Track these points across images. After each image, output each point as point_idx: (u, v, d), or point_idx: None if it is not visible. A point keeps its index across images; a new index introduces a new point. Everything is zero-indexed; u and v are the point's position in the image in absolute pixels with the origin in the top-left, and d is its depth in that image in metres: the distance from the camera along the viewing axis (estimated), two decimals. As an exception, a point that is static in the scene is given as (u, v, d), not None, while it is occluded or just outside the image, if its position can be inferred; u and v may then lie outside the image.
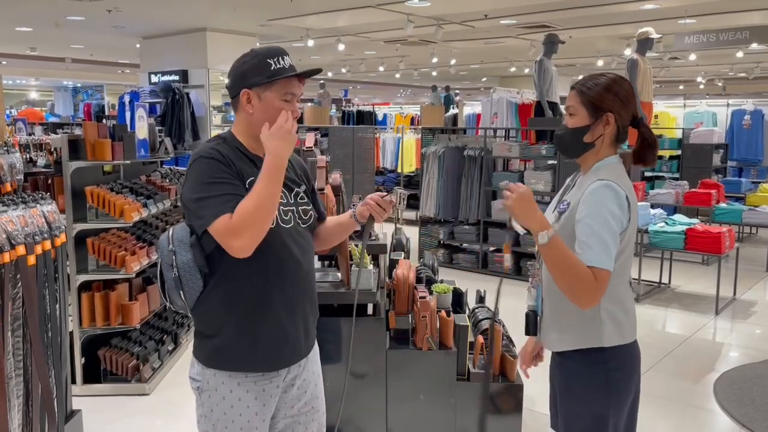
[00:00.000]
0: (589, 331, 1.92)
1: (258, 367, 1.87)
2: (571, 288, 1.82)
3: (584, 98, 1.96)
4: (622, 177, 1.94)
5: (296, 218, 1.92)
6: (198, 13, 9.16)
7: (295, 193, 1.96)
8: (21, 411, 2.74)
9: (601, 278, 1.80)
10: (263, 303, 1.85)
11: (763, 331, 5.60)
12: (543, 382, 2.35)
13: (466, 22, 10.24)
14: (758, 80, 19.70)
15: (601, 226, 1.82)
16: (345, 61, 16.54)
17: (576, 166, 2.08)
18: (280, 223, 1.86)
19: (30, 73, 20.34)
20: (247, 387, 1.87)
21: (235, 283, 1.83)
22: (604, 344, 1.92)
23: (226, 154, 1.82)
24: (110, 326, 4.04)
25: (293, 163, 2.02)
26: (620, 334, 1.94)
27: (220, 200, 1.73)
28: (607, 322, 1.92)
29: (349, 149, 8.95)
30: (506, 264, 2.38)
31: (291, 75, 1.84)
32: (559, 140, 2.06)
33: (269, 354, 1.87)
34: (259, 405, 1.89)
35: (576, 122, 1.97)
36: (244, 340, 1.85)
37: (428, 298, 3.19)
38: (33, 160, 4.70)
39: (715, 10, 9.37)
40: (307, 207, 1.98)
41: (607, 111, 1.94)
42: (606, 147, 1.97)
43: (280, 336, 1.88)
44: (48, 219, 2.91)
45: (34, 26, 10.81)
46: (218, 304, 1.85)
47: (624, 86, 1.97)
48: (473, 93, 25.52)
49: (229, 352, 1.86)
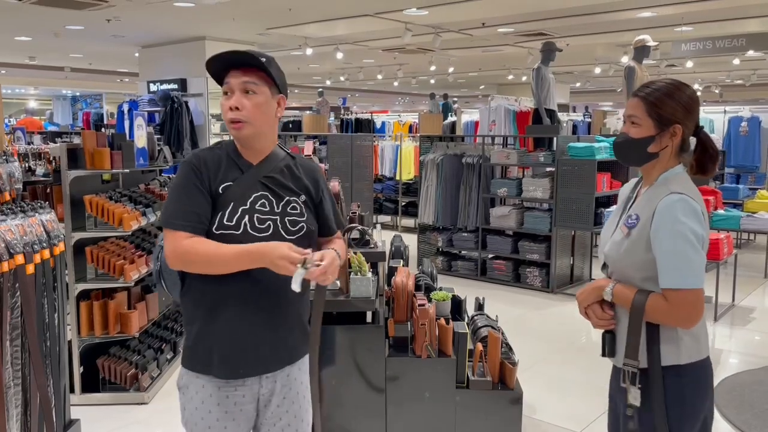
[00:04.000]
0: (667, 349, 1.86)
1: (215, 372, 1.86)
2: (661, 320, 1.82)
3: (650, 108, 1.87)
4: (692, 188, 1.87)
5: (278, 227, 1.88)
6: (197, 22, 9.19)
7: (286, 202, 1.91)
8: (19, 420, 2.74)
9: (694, 298, 1.77)
10: (220, 308, 1.85)
11: (761, 338, 5.60)
12: (542, 390, 2.35)
13: (463, 31, 10.28)
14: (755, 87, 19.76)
15: (683, 244, 1.77)
16: (343, 70, 16.59)
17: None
18: (249, 230, 1.84)
19: (29, 82, 20.37)
20: (210, 391, 1.88)
21: (201, 285, 1.86)
22: (682, 361, 1.86)
23: (208, 160, 1.87)
24: (109, 335, 4.04)
25: (298, 172, 1.98)
26: (697, 349, 1.88)
27: (179, 210, 1.82)
28: (685, 338, 1.86)
29: (348, 157, 8.96)
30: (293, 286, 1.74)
31: (217, 69, 1.87)
32: (619, 148, 1.97)
33: (224, 361, 1.86)
34: (221, 412, 1.88)
35: (640, 132, 1.89)
36: (202, 342, 1.88)
37: (427, 305, 3.19)
38: (32, 169, 4.71)
39: (711, 18, 9.42)
40: (298, 218, 1.92)
41: (675, 123, 1.86)
42: (671, 157, 1.90)
43: (236, 344, 1.85)
44: (47, 228, 2.91)
45: (34, 35, 10.84)
46: (189, 304, 1.91)
47: (688, 93, 1.89)
48: (471, 101, 25.57)
49: (193, 353, 1.90)
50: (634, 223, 1.89)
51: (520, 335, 5.01)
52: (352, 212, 3.65)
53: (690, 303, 1.78)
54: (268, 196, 1.89)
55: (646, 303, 1.82)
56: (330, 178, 3.98)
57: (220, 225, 1.83)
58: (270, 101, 1.89)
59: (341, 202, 3.36)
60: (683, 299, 1.78)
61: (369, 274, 3.05)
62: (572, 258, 7.12)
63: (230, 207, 1.84)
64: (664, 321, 1.83)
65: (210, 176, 1.85)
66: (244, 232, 1.83)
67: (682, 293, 1.77)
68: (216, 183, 1.85)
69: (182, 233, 1.80)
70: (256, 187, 1.89)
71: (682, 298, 1.78)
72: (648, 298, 1.82)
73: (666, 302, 1.79)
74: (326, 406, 3.12)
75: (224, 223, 1.83)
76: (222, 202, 1.84)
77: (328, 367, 3.11)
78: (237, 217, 1.84)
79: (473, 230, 7.33)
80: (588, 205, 6.34)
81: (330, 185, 3.30)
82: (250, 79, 1.84)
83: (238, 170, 1.89)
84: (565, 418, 3.87)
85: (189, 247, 1.79)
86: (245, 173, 1.89)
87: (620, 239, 1.90)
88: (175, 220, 1.81)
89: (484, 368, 3.24)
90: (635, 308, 1.83)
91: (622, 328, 1.93)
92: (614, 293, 1.88)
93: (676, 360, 1.86)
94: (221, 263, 1.79)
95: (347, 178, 8.72)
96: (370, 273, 3.06)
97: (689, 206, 1.80)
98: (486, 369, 3.23)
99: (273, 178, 1.92)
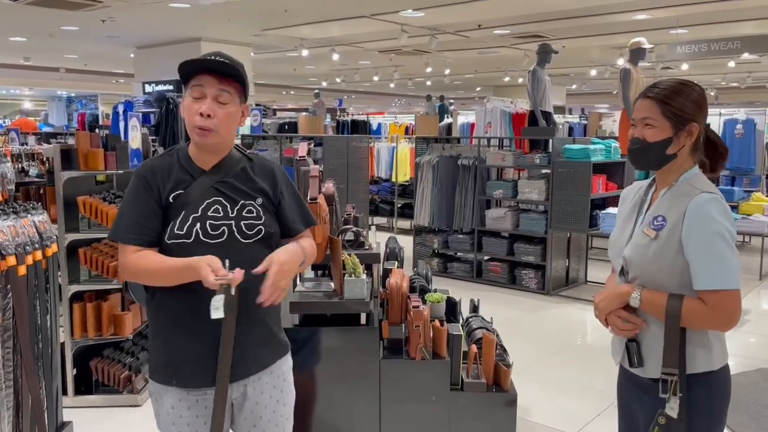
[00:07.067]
0: (700, 355, 1.80)
1: (177, 382, 1.85)
2: (698, 324, 1.76)
3: (665, 109, 1.82)
4: (715, 188, 1.82)
5: (234, 232, 1.84)
6: (192, 23, 9.18)
7: (241, 206, 1.88)
8: (11, 423, 2.72)
9: (733, 300, 1.73)
10: (178, 318, 1.84)
11: (757, 340, 5.61)
12: (537, 392, 2.34)
13: (460, 32, 10.30)
14: (750, 90, 19.86)
15: (721, 244, 1.74)
16: (340, 71, 16.60)
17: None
18: (202, 238, 1.81)
19: (24, 83, 20.34)
20: (179, 395, 1.86)
21: (160, 295, 1.86)
22: (714, 367, 1.81)
23: (157, 169, 1.86)
24: (102, 337, 4.02)
25: (254, 174, 1.94)
26: (724, 354, 1.84)
27: (127, 223, 1.83)
28: (715, 341, 1.81)
29: (344, 158, 8.95)
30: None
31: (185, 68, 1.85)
32: (636, 154, 1.90)
33: (183, 371, 1.84)
34: (191, 416, 1.85)
35: (657, 135, 1.83)
36: (162, 352, 1.87)
37: (422, 307, 3.18)
38: (25, 169, 4.68)
39: (707, 21, 9.46)
40: (255, 221, 1.88)
41: (690, 121, 1.82)
42: (687, 157, 1.86)
43: (194, 354, 1.83)
44: (39, 229, 2.89)
45: (29, 36, 10.82)
46: (151, 313, 1.92)
47: (697, 90, 1.86)
48: (467, 102, 25.63)
49: (154, 363, 1.91)
50: (661, 225, 1.82)
51: (515, 337, 5.00)
52: (347, 214, 3.64)
53: (729, 305, 1.73)
54: (222, 201, 1.86)
55: (682, 308, 1.74)
56: (325, 180, 3.97)
57: (171, 234, 1.81)
58: (238, 111, 1.87)
59: (335, 204, 3.35)
60: (722, 301, 1.72)
61: (363, 275, 3.03)
62: (568, 260, 7.12)
63: (181, 215, 1.82)
64: (701, 325, 1.77)
65: (160, 185, 1.83)
66: (195, 240, 1.81)
67: (721, 295, 1.72)
68: (166, 192, 1.83)
69: (131, 246, 1.81)
70: (208, 193, 1.85)
71: (721, 299, 1.72)
72: (683, 303, 1.75)
73: (704, 305, 1.73)
74: (320, 409, 3.11)
75: (175, 232, 1.81)
76: (173, 210, 1.82)
77: (322, 369, 3.09)
78: (188, 225, 1.81)
79: (469, 232, 7.32)
80: (583, 207, 6.34)
81: (324, 187, 3.30)
82: (224, 88, 1.82)
83: (189, 177, 1.85)
84: (559, 420, 3.86)
85: (134, 260, 1.80)
86: (196, 180, 1.85)
87: (646, 242, 1.83)
88: (122, 233, 1.83)
89: (479, 370, 3.23)
90: (671, 314, 1.75)
91: (650, 336, 1.85)
92: (642, 299, 1.80)
93: (709, 366, 1.80)
94: (163, 277, 1.80)
95: (343, 179, 8.70)
96: (364, 275, 3.05)
97: (722, 206, 1.77)
98: (480, 371, 3.23)
99: (226, 182, 1.88)
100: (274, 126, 11.16)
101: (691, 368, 1.79)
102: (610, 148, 6.66)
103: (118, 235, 1.83)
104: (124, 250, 1.82)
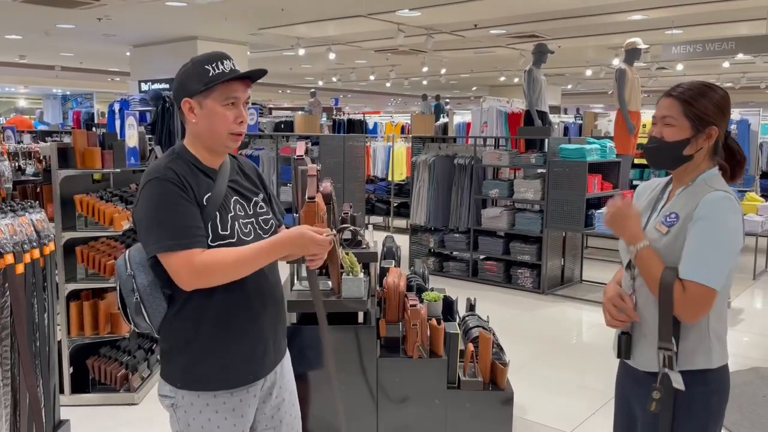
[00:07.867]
0: (700, 352, 1.81)
1: (226, 385, 1.84)
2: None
3: (687, 109, 1.81)
4: (729, 189, 1.83)
5: (256, 229, 1.88)
6: (189, 22, 9.17)
7: (254, 203, 1.92)
8: (8, 421, 2.72)
9: (705, 296, 1.73)
10: (229, 320, 1.82)
11: (750, 339, 5.64)
12: (533, 391, 2.35)
13: (456, 32, 10.32)
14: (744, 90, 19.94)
15: (722, 241, 1.74)
16: (336, 70, 16.60)
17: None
18: (242, 237, 1.83)
19: (19, 81, 20.28)
20: (224, 399, 1.84)
21: (199, 302, 1.79)
22: (713, 365, 1.81)
23: (181, 173, 1.78)
24: (99, 335, 4.02)
25: (246, 170, 1.99)
26: (723, 354, 1.84)
27: (176, 230, 1.71)
28: (715, 341, 1.81)
29: (340, 158, 8.95)
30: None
31: (228, 78, 1.78)
32: (653, 153, 1.90)
33: (237, 371, 1.85)
34: (237, 417, 1.87)
35: (675, 134, 1.83)
36: (211, 358, 1.82)
37: (419, 306, 3.19)
38: (22, 168, 4.67)
39: (701, 21, 9.50)
40: (267, 216, 1.94)
41: (711, 124, 1.81)
42: (705, 160, 1.86)
43: (248, 352, 1.85)
44: (37, 227, 2.89)
45: (24, 34, 10.79)
46: (184, 323, 1.81)
47: (720, 93, 1.84)
48: (463, 102, 25.65)
49: (197, 372, 1.83)
50: (673, 222, 1.83)
51: (511, 336, 5.02)
52: (344, 213, 3.65)
53: (702, 301, 1.73)
54: (239, 200, 1.88)
55: (674, 283, 1.75)
56: (322, 179, 3.98)
57: (216, 236, 1.78)
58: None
59: (333, 203, 3.35)
60: (698, 295, 1.73)
61: (361, 274, 3.05)
62: (563, 259, 7.14)
63: (219, 216, 1.80)
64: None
65: (193, 188, 1.78)
66: (238, 239, 1.82)
67: (700, 288, 1.73)
68: (200, 195, 1.79)
69: (196, 249, 1.72)
70: (229, 192, 1.87)
71: (698, 293, 1.73)
72: (674, 280, 1.75)
73: (681, 290, 1.74)
74: (317, 407, 3.12)
75: (220, 233, 1.79)
76: (206, 213, 1.78)
77: (318, 367, 3.10)
78: (229, 225, 1.82)
79: (465, 231, 7.34)
80: (579, 206, 6.36)
81: (322, 186, 3.31)
82: (248, 95, 1.86)
83: (207, 178, 1.84)
84: (555, 418, 3.88)
85: (209, 260, 1.72)
86: (216, 180, 1.85)
87: (657, 237, 1.84)
88: (181, 240, 1.71)
89: (475, 369, 3.25)
90: (665, 285, 1.75)
91: (645, 329, 1.86)
92: (640, 254, 1.79)
93: (707, 363, 1.81)
94: (251, 262, 1.76)
95: (339, 178, 8.71)
96: (361, 273, 3.06)
97: (734, 205, 1.78)
98: (477, 369, 3.24)
99: (235, 181, 1.91)
100: (271, 125, 11.16)
101: (690, 365, 1.81)
102: (605, 148, 6.69)
103: (178, 244, 1.70)
104: (187, 256, 1.70)
